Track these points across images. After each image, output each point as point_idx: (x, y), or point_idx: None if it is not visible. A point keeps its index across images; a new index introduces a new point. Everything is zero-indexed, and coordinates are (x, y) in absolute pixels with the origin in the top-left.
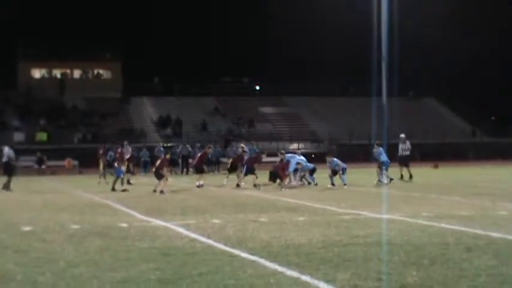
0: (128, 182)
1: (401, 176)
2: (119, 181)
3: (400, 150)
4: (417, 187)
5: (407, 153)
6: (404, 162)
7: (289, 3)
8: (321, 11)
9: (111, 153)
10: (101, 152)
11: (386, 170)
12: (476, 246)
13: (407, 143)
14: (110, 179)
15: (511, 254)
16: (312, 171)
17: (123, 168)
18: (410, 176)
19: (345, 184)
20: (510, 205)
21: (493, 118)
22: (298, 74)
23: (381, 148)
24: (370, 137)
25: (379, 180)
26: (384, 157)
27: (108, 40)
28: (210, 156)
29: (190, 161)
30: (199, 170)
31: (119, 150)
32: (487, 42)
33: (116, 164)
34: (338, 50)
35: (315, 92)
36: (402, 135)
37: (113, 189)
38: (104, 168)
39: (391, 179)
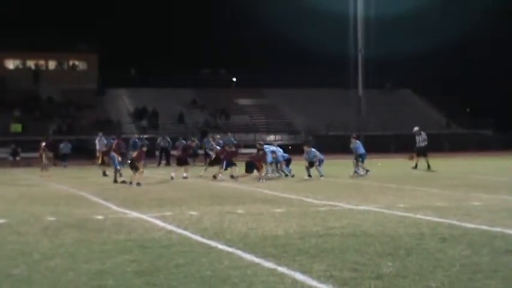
0: (104, 174)
1: (416, 166)
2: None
3: (417, 141)
4: (393, 178)
5: (425, 143)
6: (422, 152)
7: None
8: (299, 4)
9: (64, 145)
10: (44, 144)
11: (363, 162)
12: (451, 236)
13: (423, 134)
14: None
15: (484, 244)
16: (288, 162)
17: (120, 159)
18: (428, 167)
19: (322, 175)
20: (483, 196)
21: (468, 110)
22: (276, 66)
23: (358, 141)
24: (347, 129)
25: (355, 172)
26: (361, 150)
27: (83, 31)
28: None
29: (174, 152)
30: (182, 162)
31: (116, 141)
32: (464, 34)
33: (113, 154)
34: (316, 41)
35: (293, 84)
36: (416, 128)
37: (115, 181)
38: (48, 160)
39: (368, 171)
